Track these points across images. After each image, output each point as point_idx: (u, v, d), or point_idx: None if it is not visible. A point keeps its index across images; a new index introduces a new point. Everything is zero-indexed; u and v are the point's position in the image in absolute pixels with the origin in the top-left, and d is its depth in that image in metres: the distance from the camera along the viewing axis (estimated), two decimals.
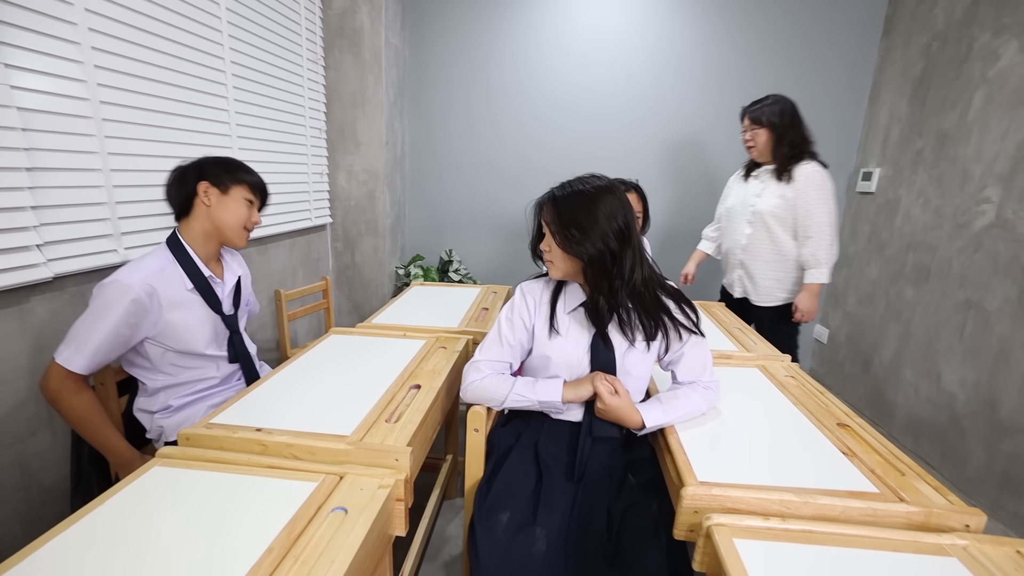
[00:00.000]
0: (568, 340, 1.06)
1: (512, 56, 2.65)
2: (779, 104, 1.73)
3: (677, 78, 2.59)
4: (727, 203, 1.98)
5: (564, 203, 0.97)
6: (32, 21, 1.10)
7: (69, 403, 1.01)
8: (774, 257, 1.82)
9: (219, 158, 1.18)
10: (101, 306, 1.01)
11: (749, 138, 1.79)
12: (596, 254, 0.96)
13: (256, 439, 0.87)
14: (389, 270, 2.70)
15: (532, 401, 1.04)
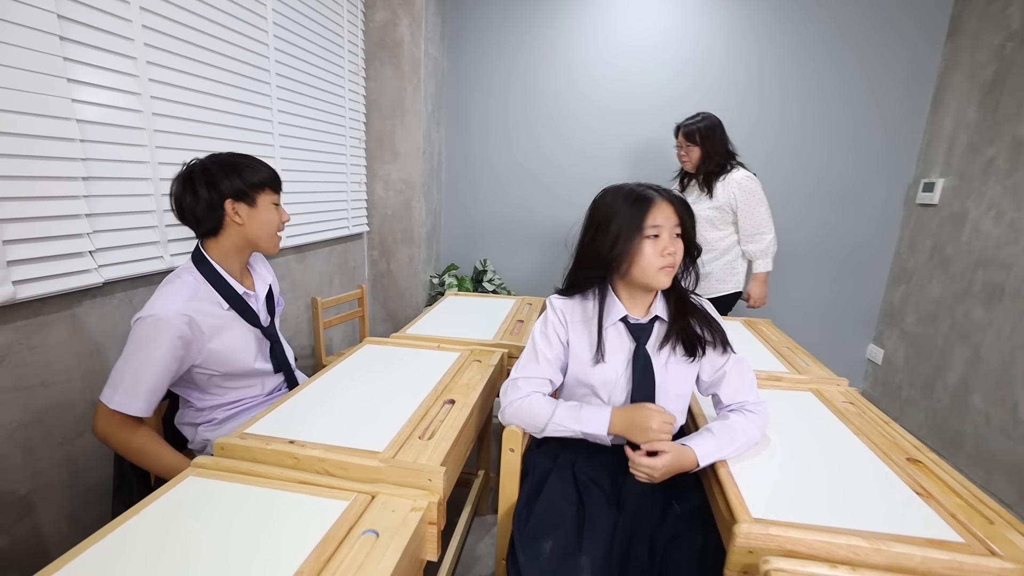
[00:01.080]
0: (607, 357, 1.01)
1: (550, 64, 2.63)
2: (708, 123, 1.92)
3: (718, 83, 2.51)
4: None
5: (685, 200, 0.98)
6: (93, 37, 1.15)
7: (121, 439, 0.98)
8: (710, 257, 2.03)
9: (221, 164, 1.06)
10: (143, 344, 0.96)
11: (683, 153, 1.98)
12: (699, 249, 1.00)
13: (289, 452, 0.86)
14: (423, 279, 2.71)
15: (575, 432, 0.98)
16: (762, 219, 1.95)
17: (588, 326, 1.03)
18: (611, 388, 1.02)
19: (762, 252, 1.99)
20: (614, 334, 1.02)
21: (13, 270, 1.03)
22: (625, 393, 1.01)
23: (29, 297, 1.06)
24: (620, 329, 1.01)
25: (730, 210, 1.95)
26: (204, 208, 1.04)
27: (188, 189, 1.05)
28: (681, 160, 2.01)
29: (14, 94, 1.00)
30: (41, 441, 1.16)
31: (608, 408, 0.98)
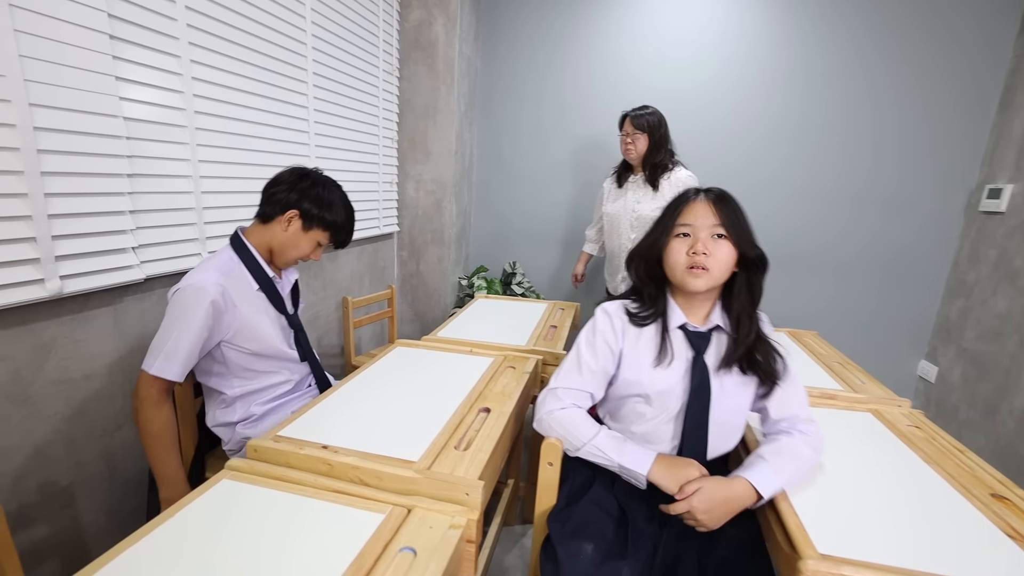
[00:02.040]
0: (662, 365, 0.96)
1: (586, 63, 2.57)
2: (657, 115, 1.89)
3: (759, 79, 2.40)
4: (607, 209, 2.08)
5: (735, 204, 0.92)
6: (141, 36, 1.16)
7: (149, 414, 1.00)
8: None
9: (324, 185, 1.17)
10: (182, 311, 1.01)
11: (630, 142, 1.92)
12: (761, 256, 0.90)
13: (322, 458, 0.83)
14: (452, 280, 2.69)
15: (611, 463, 0.91)
16: None
17: (648, 332, 0.98)
18: (666, 397, 0.95)
19: None
20: (674, 341, 0.97)
21: (61, 265, 1.04)
22: (680, 403, 0.95)
23: (75, 292, 1.07)
24: (679, 336, 0.96)
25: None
26: (282, 199, 1.13)
27: (291, 179, 1.14)
28: (626, 150, 1.95)
29: (66, 91, 1.01)
30: (83, 433, 1.17)
31: (653, 453, 0.91)
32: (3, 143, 0.92)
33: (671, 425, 0.96)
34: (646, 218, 1.92)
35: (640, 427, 0.98)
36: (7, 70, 0.92)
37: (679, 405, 0.95)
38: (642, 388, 0.96)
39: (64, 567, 1.17)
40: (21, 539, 1.07)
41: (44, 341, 1.07)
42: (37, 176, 0.97)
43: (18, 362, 1.03)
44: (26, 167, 0.96)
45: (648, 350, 0.98)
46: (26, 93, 0.94)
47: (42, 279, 1.00)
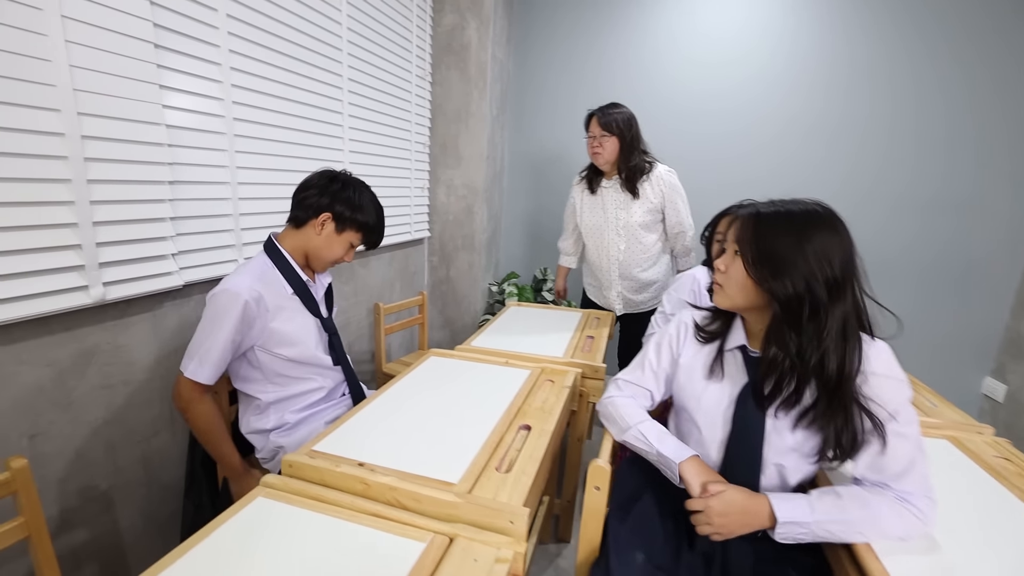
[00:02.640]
0: (713, 385, 0.90)
1: (622, 63, 2.50)
2: (626, 114, 1.75)
3: (815, 73, 2.28)
4: (586, 221, 1.94)
5: (768, 222, 0.79)
6: (184, 44, 1.17)
7: (195, 412, 1.05)
8: (649, 263, 1.89)
9: (354, 187, 1.17)
10: (216, 315, 1.03)
11: (597, 145, 1.77)
12: (793, 296, 0.75)
13: (359, 476, 0.80)
14: (482, 286, 2.65)
15: (650, 450, 0.90)
16: (685, 213, 1.86)
17: (708, 346, 0.93)
18: (711, 419, 0.90)
19: (686, 249, 1.93)
20: (731, 362, 0.91)
21: (104, 272, 1.04)
22: (723, 433, 0.89)
23: (117, 298, 1.08)
24: (738, 358, 0.89)
25: (660, 210, 1.84)
26: (315, 202, 1.13)
27: (323, 182, 1.14)
28: (593, 154, 1.80)
29: (112, 100, 1.02)
30: (121, 439, 1.18)
31: (692, 451, 0.87)
32: (52, 151, 0.93)
33: (718, 454, 0.90)
34: (634, 224, 1.83)
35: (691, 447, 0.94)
36: (58, 80, 0.92)
37: (721, 434, 0.89)
38: (689, 401, 0.93)
39: (102, 571, 1.17)
40: (62, 543, 1.08)
41: (87, 347, 1.07)
42: (84, 184, 0.98)
43: (62, 367, 1.04)
44: (73, 175, 0.96)
45: (703, 365, 0.94)
46: (75, 102, 0.95)
47: (86, 286, 1.01)
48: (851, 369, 0.75)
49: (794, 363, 0.77)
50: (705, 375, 0.92)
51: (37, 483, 1.01)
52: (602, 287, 1.99)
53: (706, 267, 1.51)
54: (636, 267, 1.89)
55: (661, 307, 1.58)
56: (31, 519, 0.84)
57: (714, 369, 0.91)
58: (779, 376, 0.79)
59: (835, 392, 0.76)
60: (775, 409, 0.82)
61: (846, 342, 0.75)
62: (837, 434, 0.77)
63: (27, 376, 0.98)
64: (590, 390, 1.38)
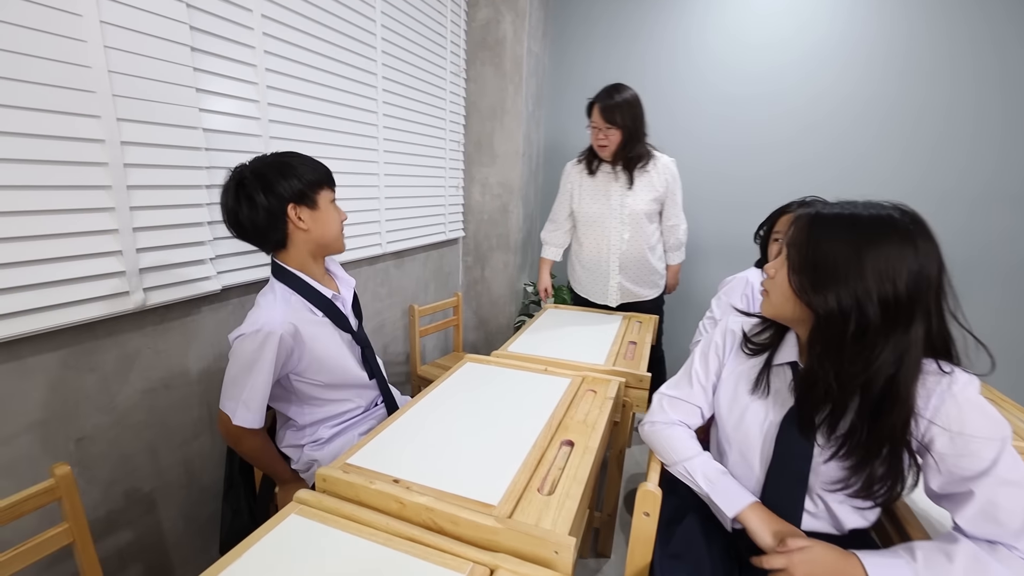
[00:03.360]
0: (756, 402, 0.81)
1: (665, 50, 2.38)
2: (631, 102, 1.64)
3: (854, 63, 2.10)
4: (585, 208, 1.82)
5: (825, 226, 0.69)
6: (220, 47, 1.16)
7: (246, 446, 1.03)
8: (647, 250, 1.80)
9: (275, 166, 0.96)
10: (253, 357, 0.94)
11: (602, 136, 1.67)
12: (835, 313, 0.66)
13: (394, 495, 0.76)
14: (518, 287, 2.60)
15: (700, 490, 0.83)
16: (680, 206, 1.83)
17: (755, 358, 0.84)
18: (752, 440, 0.81)
19: (679, 242, 1.89)
20: (779, 378, 0.81)
21: (145, 277, 1.05)
22: (760, 459, 0.80)
23: (157, 304, 1.08)
24: (786, 376, 0.80)
25: (663, 200, 1.77)
26: (265, 217, 0.95)
27: (242, 198, 0.94)
28: (599, 145, 1.70)
29: (151, 105, 1.01)
30: (163, 442, 1.19)
31: (752, 497, 0.79)
32: (92, 158, 0.93)
33: (758, 481, 0.81)
34: (639, 213, 1.74)
35: (727, 467, 0.87)
36: (97, 86, 0.92)
37: (758, 460, 0.80)
38: (729, 418, 0.85)
39: (147, 572, 1.19)
40: (108, 544, 1.09)
41: (129, 352, 1.08)
42: (123, 190, 0.98)
43: (106, 372, 1.05)
44: (113, 181, 0.96)
45: (748, 379, 0.85)
46: (114, 108, 0.95)
47: (128, 292, 1.01)
48: (905, 406, 0.64)
49: (830, 387, 0.68)
50: (749, 390, 0.84)
51: (84, 485, 1.04)
52: (594, 280, 1.89)
53: (759, 269, 1.40)
54: (638, 257, 1.80)
55: (710, 312, 1.48)
56: (75, 525, 0.85)
57: (759, 384, 0.82)
58: (815, 396, 0.71)
59: (878, 426, 0.66)
60: (822, 436, 0.73)
61: (902, 372, 0.63)
62: (871, 476, 0.67)
63: (74, 381, 0.99)
64: (633, 400, 1.30)
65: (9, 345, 0.88)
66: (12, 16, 0.80)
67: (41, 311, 0.89)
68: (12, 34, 0.81)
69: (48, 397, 0.95)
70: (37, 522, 0.90)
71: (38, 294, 0.88)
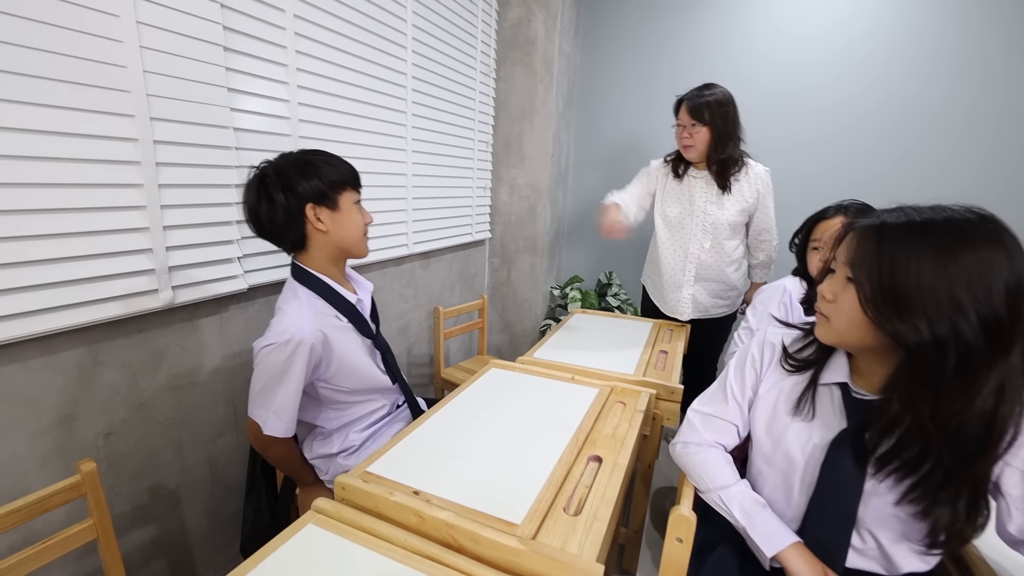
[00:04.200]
0: (798, 423, 0.74)
1: (698, 58, 2.30)
2: (722, 98, 1.53)
3: (917, 68, 1.97)
4: (666, 211, 1.72)
5: (896, 238, 0.59)
6: (252, 47, 1.16)
7: (275, 452, 1.03)
8: (733, 266, 1.71)
9: (296, 164, 0.94)
10: (285, 368, 0.92)
11: (688, 136, 1.57)
12: (930, 343, 0.56)
13: (414, 508, 0.73)
14: (544, 290, 2.55)
15: (735, 522, 0.77)
16: (773, 223, 1.68)
17: (795, 375, 0.77)
18: (792, 465, 0.75)
19: (769, 259, 1.76)
20: (825, 398, 0.74)
21: (174, 275, 1.05)
22: (801, 485, 0.73)
23: (185, 302, 1.08)
24: (834, 397, 0.73)
25: (751, 212, 1.65)
26: (283, 216, 0.93)
27: (263, 195, 0.93)
28: (684, 145, 1.60)
29: (183, 104, 1.02)
30: (189, 439, 1.20)
31: (794, 536, 0.72)
32: (126, 157, 0.94)
33: (797, 510, 0.75)
34: (723, 224, 1.63)
35: (762, 492, 0.80)
36: (132, 85, 0.93)
37: (798, 491, 0.73)
38: (767, 439, 0.78)
39: (170, 568, 1.20)
40: (133, 539, 1.11)
41: (157, 349, 1.09)
42: (155, 188, 0.99)
43: (135, 369, 1.06)
44: (145, 180, 0.97)
45: (789, 397, 0.78)
46: (148, 107, 0.96)
47: (156, 289, 1.02)
48: (998, 445, 0.56)
49: (924, 427, 0.59)
50: (790, 410, 0.76)
51: (111, 480, 1.05)
52: (668, 288, 1.77)
53: (797, 277, 1.32)
54: (716, 270, 1.70)
55: (745, 322, 1.40)
56: (99, 521, 0.85)
57: (802, 404, 0.75)
58: (901, 438, 0.61)
59: (963, 469, 0.57)
60: (882, 471, 0.64)
61: (1004, 406, 0.55)
62: (952, 519, 0.59)
63: (104, 376, 1.00)
64: (664, 413, 1.24)
65: (44, 340, 0.90)
66: (51, 17, 0.81)
67: (74, 307, 0.90)
68: (51, 34, 0.82)
69: (79, 392, 0.97)
70: (67, 515, 0.92)
71: (71, 290, 0.89)
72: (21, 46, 0.78)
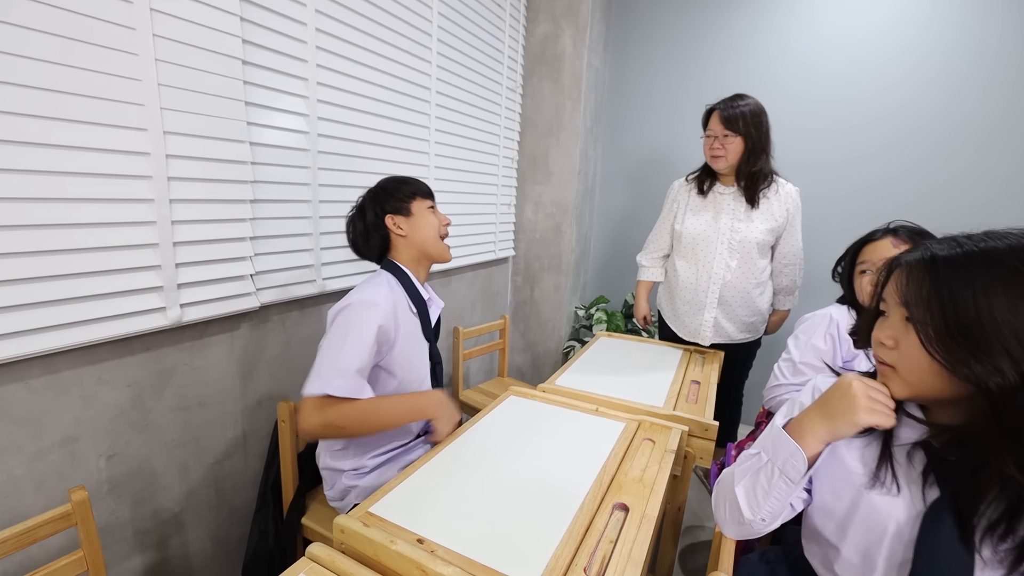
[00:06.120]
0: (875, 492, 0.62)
1: (732, 72, 2.20)
2: (756, 108, 1.46)
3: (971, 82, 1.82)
4: (688, 226, 1.61)
5: (955, 274, 0.53)
6: (272, 61, 1.14)
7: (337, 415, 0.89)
8: (753, 286, 1.58)
9: (381, 188, 1.11)
10: (353, 328, 0.93)
11: (719, 146, 1.49)
12: (1014, 384, 0.49)
13: (416, 561, 0.65)
14: (568, 310, 2.46)
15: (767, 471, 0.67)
16: (800, 246, 1.61)
17: (862, 436, 0.65)
18: (874, 545, 0.61)
19: (794, 285, 1.66)
20: (901, 462, 0.62)
21: (183, 293, 1.02)
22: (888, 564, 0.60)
23: (194, 320, 1.05)
24: (916, 460, 0.60)
25: (780, 232, 1.56)
26: (370, 227, 1.09)
27: (359, 217, 1.10)
28: (713, 155, 1.52)
29: (198, 119, 1.00)
30: (196, 461, 1.15)
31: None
32: (137, 171, 0.92)
33: None
34: (751, 242, 1.53)
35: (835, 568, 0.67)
36: (147, 99, 0.91)
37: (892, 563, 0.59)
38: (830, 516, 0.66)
39: None
40: (134, 564, 1.06)
41: (165, 368, 1.06)
42: (166, 203, 0.96)
43: (141, 388, 1.02)
44: (156, 195, 0.95)
45: (858, 464, 0.65)
46: (162, 121, 0.94)
47: (164, 307, 0.99)
48: None
49: (1013, 479, 0.50)
50: (866, 481, 0.63)
51: (112, 504, 1.01)
52: (687, 311, 1.66)
53: (844, 305, 1.20)
54: (742, 292, 1.58)
55: (787, 353, 1.28)
56: (89, 553, 0.80)
57: (880, 475, 0.62)
58: (1011, 502, 0.51)
59: None
60: (988, 545, 0.53)
61: None
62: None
63: (108, 396, 0.97)
64: (697, 451, 1.13)
65: (47, 359, 0.87)
66: (66, 30, 0.80)
67: (79, 325, 0.87)
68: (66, 47, 0.80)
69: (81, 412, 0.93)
70: (67, 540, 0.88)
71: (76, 307, 0.87)
72: (33, 59, 0.77)
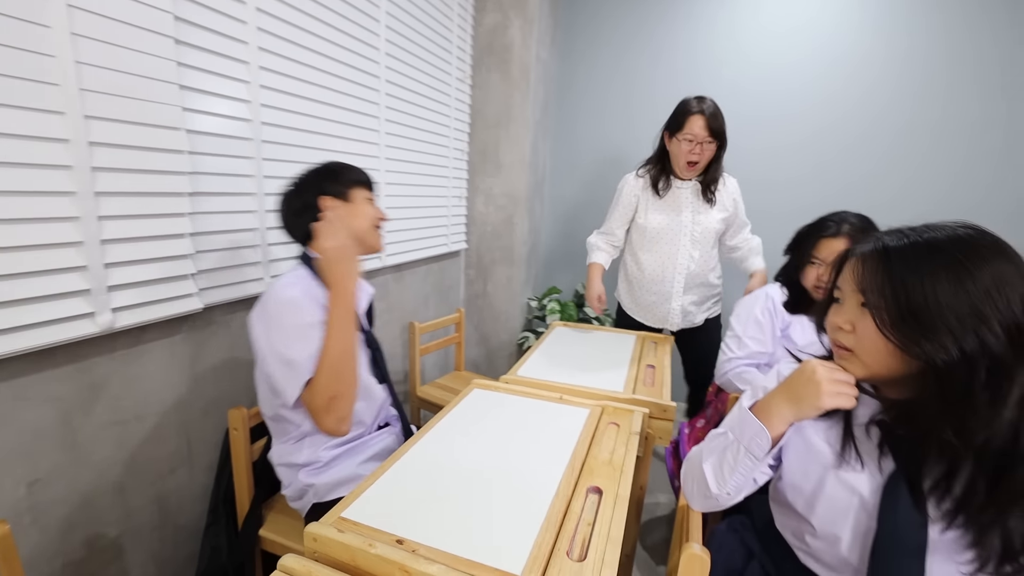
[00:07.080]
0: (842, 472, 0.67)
1: (682, 63, 2.30)
2: (721, 114, 1.54)
3: (899, 67, 2.03)
4: (651, 221, 1.68)
5: (906, 260, 0.59)
6: (209, 41, 1.05)
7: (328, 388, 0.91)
8: (710, 270, 1.71)
9: (320, 169, 1.05)
10: (300, 321, 0.91)
11: (698, 152, 1.53)
12: (960, 361, 0.55)
13: (398, 562, 0.63)
14: (521, 302, 2.48)
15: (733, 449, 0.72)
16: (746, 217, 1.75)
17: (824, 420, 0.71)
18: (839, 519, 0.66)
19: (760, 246, 1.75)
20: (863, 441, 0.67)
21: (113, 296, 0.93)
22: (853, 534, 0.65)
23: (129, 325, 0.96)
24: (872, 436, 0.66)
25: (729, 220, 1.69)
26: (300, 205, 1.01)
27: (296, 194, 1.03)
28: (690, 161, 1.55)
29: (125, 102, 0.90)
30: (133, 479, 1.06)
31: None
32: (55, 160, 0.82)
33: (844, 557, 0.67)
34: (711, 232, 1.66)
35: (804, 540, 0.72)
36: (62, 79, 0.81)
37: (851, 547, 0.65)
38: (797, 493, 0.70)
39: None
40: None
41: (95, 380, 0.95)
42: (91, 196, 0.86)
43: (68, 404, 0.92)
44: (79, 187, 0.85)
45: (822, 445, 0.70)
46: (81, 104, 0.84)
47: (92, 312, 0.89)
48: None
49: (949, 445, 0.56)
50: (833, 461, 0.67)
51: (36, 536, 0.90)
52: (655, 300, 1.73)
53: (776, 283, 1.33)
54: (702, 277, 1.70)
55: (731, 330, 1.37)
56: None
57: (846, 454, 0.66)
58: (949, 465, 0.57)
59: (1001, 486, 0.54)
60: (934, 505, 0.59)
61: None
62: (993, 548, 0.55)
63: (27, 415, 0.86)
64: (657, 431, 1.18)
65: None
66: None
67: None
68: None
69: None
70: None
71: None
72: None
